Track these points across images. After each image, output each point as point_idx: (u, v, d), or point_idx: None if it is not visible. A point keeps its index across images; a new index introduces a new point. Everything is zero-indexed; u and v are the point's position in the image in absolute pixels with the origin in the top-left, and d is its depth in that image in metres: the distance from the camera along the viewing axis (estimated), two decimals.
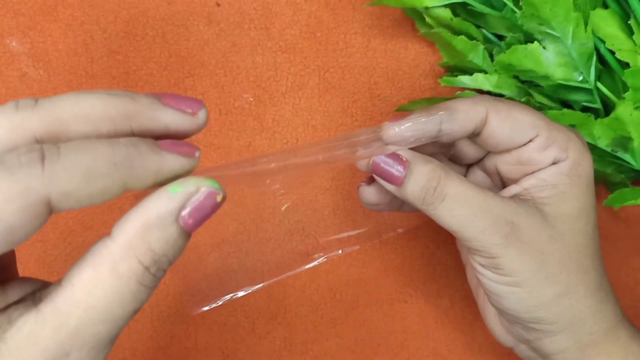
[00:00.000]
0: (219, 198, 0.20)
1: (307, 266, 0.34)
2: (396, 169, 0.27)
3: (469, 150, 0.31)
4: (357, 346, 0.39)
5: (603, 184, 0.38)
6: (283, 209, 0.37)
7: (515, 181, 0.29)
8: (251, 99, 0.38)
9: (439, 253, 0.39)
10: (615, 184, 0.36)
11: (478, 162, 0.32)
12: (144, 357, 0.38)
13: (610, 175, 0.35)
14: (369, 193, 0.31)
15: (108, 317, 0.19)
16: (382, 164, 0.27)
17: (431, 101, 0.37)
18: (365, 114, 0.39)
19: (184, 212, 0.20)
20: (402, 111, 0.39)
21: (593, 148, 0.35)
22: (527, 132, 0.28)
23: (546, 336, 0.29)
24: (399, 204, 0.32)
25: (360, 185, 0.31)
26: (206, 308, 0.32)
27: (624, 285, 0.40)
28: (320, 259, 0.34)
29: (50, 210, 0.18)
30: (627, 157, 0.35)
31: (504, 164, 0.30)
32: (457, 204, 0.27)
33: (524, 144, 0.28)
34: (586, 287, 0.28)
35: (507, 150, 0.29)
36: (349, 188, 0.39)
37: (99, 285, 0.19)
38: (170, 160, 0.20)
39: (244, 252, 0.38)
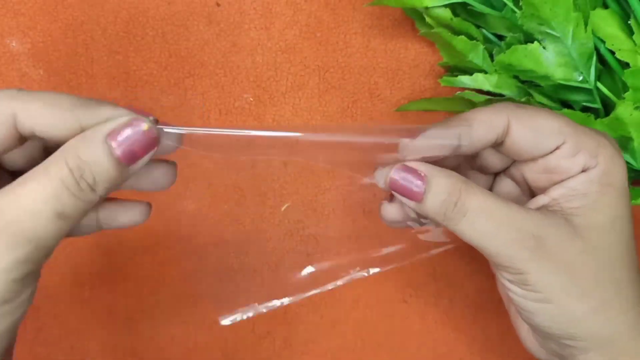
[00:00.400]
0: (144, 126, 0.23)
1: (339, 282, 0.34)
2: (415, 185, 0.26)
3: (494, 160, 0.30)
4: (357, 346, 0.39)
5: None
6: (283, 209, 0.37)
7: (543, 190, 0.28)
8: (251, 99, 0.38)
9: (439, 253, 0.39)
10: None
11: (505, 170, 0.31)
12: (144, 357, 0.38)
13: None
14: (391, 211, 0.29)
15: (31, 210, 0.22)
16: (400, 180, 0.26)
17: (431, 101, 0.37)
18: (365, 114, 0.39)
19: (112, 138, 0.23)
20: (404, 110, 0.39)
21: None
22: (552, 140, 0.26)
23: (580, 353, 0.27)
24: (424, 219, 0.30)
25: (382, 203, 0.30)
26: (233, 318, 0.33)
27: None
28: (347, 277, 0.34)
29: (17, 129, 0.23)
30: (627, 157, 0.35)
31: (531, 173, 0.29)
32: (479, 219, 0.26)
33: (551, 152, 0.27)
34: (622, 303, 0.27)
35: (533, 159, 0.28)
36: (349, 188, 0.39)
37: (30, 181, 0.22)
38: (120, 111, 0.24)
39: (244, 252, 0.38)
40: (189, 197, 0.36)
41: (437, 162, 0.27)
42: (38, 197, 0.22)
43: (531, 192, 0.30)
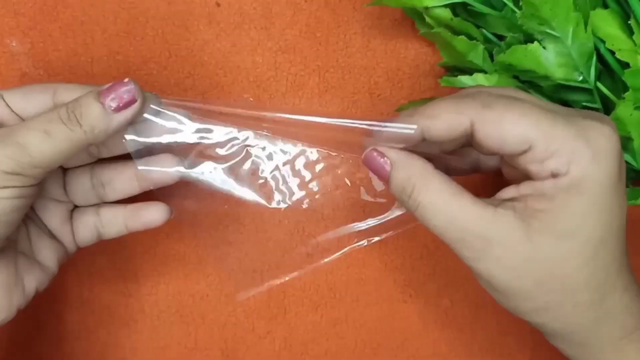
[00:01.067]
0: (126, 80, 0.28)
1: (334, 256, 0.34)
2: (383, 169, 0.28)
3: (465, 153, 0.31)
4: (357, 346, 0.39)
5: None
6: (283, 209, 0.36)
7: (517, 181, 0.28)
8: (251, 99, 0.38)
9: (439, 253, 0.39)
10: None
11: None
12: (144, 357, 0.38)
13: None
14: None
15: (25, 126, 0.27)
16: (371, 161, 0.28)
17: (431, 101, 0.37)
18: (365, 114, 0.39)
19: (101, 93, 0.28)
20: (404, 110, 0.39)
21: None
22: (518, 146, 0.25)
23: (548, 337, 0.29)
24: None
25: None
26: (252, 293, 0.34)
27: None
28: (346, 249, 0.34)
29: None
30: (627, 157, 0.35)
31: (504, 166, 0.29)
32: (429, 214, 0.27)
33: (518, 154, 0.26)
34: (574, 305, 0.27)
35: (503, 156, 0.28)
36: (349, 188, 0.39)
37: (35, 120, 0.28)
38: (84, 86, 0.30)
39: (244, 252, 0.38)
40: (189, 197, 0.36)
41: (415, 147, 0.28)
42: (34, 120, 0.28)
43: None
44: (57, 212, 0.32)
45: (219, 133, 0.31)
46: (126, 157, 0.32)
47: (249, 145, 0.31)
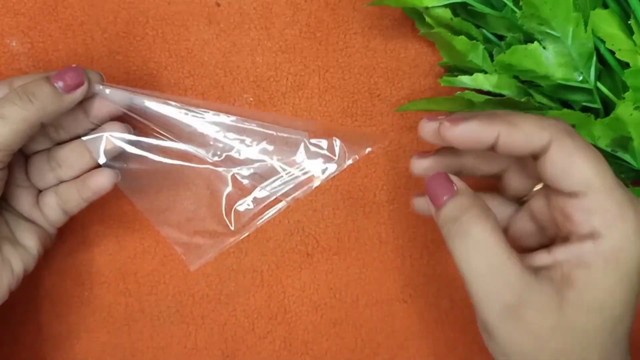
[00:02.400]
0: (74, 65, 0.31)
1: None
2: (443, 194, 0.27)
3: (516, 181, 0.30)
4: (357, 346, 0.39)
5: None
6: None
7: (551, 233, 0.28)
8: (251, 99, 0.38)
9: (439, 253, 0.39)
10: None
11: (527, 202, 0.30)
12: (144, 357, 0.38)
13: None
14: (419, 166, 0.30)
15: None
16: (434, 185, 0.27)
17: (431, 101, 0.37)
18: (365, 114, 0.39)
19: (53, 77, 0.30)
20: (404, 110, 0.39)
21: None
22: (576, 185, 0.25)
23: None
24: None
25: (413, 157, 0.31)
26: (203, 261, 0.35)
27: None
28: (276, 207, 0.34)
29: None
30: (627, 157, 0.35)
31: (550, 208, 0.28)
32: (475, 248, 0.25)
33: (571, 196, 0.25)
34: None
35: (554, 190, 0.27)
36: (349, 188, 0.39)
37: None
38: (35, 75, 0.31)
39: (244, 252, 0.38)
40: (189, 197, 0.36)
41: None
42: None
43: (543, 233, 0.29)
44: (24, 198, 0.33)
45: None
46: (79, 137, 0.33)
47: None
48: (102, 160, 0.32)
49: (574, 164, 0.25)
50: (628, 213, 0.25)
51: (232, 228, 0.34)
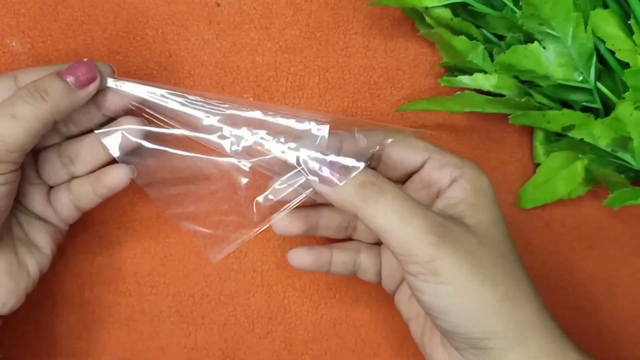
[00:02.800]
0: (85, 59, 0.30)
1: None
2: (336, 171, 0.29)
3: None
4: (357, 346, 0.39)
5: (603, 184, 0.38)
6: (283, 209, 0.36)
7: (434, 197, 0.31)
8: (251, 99, 0.38)
9: None
10: (615, 184, 0.36)
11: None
12: (144, 357, 0.38)
13: (610, 175, 0.35)
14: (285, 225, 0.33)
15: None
16: (323, 165, 0.29)
17: (431, 101, 0.37)
18: (365, 114, 0.39)
19: (63, 72, 0.29)
20: (404, 110, 0.39)
21: (593, 148, 0.35)
22: (419, 155, 0.31)
23: (500, 357, 0.28)
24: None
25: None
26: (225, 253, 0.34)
27: (624, 285, 0.40)
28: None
29: None
30: (627, 157, 0.35)
31: (412, 193, 0.31)
32: (397, 200, 0.28)
33: (420, 167, 0.31)
34: (523, 293, 0.28)
35: (406, 173, 0.32)
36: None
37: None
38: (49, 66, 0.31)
39: (244, 252, 0.38)
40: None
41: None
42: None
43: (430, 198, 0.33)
44: (36, 195, 0.32)
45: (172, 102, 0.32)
46: (90, 130, 0.32)
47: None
48: (116, 154, 0.32)
49: (410, 142, 0.31)
50: (464, 158, 0.31)
51: (254, 220, 0.33)
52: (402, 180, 0.33)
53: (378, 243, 0.35)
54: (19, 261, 0.30)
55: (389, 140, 0.31)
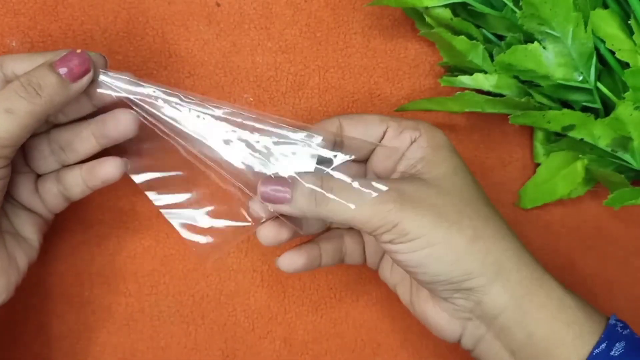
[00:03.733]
0: (78, 50, 0.29)
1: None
2: (283, 189, 0.30)
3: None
4: (357, 346, 0.39)
5: (603, 184, 0.38)
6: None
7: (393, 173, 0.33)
8: (251, 99, 0.38)
9: None
10: (615, 184, 0.36)
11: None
12: (144, 357, 0.38)
13: (610, 175, 0.35)
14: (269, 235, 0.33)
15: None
16: (269, 190, 0.30)
17: (431, 101, 0.37)
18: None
19: (56, 63, 0.29)
20: (404, 110, 0.39)
21: (593, 148, 0.35)
22: (377, 128, 0.32)
23: (483, 294, 0.29)
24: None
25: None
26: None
27: (624, 285, 0.40)
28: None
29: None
30: (627, 157, 0.35)
31: (379, 165, 0.33)
32: (344, 192, 0.29)
33: (382, 138, 0.32)
34: (494, 232, 0.30)
35: (371, 150, 0.33)
36: None
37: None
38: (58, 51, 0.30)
39: (244, 252, 0.38)
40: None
41: None
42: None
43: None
44: (23, 185, 0.32)
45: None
46: (81, 119, 0.32)
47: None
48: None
49: (366, 119, 0.33)
50: (419, 120, 0.32)
51: (249, 222, 0.33)
52: (368, 155, 0.34)
53: None
54: (9, 255, 0.30)
55: (344, 121, 0.32)
